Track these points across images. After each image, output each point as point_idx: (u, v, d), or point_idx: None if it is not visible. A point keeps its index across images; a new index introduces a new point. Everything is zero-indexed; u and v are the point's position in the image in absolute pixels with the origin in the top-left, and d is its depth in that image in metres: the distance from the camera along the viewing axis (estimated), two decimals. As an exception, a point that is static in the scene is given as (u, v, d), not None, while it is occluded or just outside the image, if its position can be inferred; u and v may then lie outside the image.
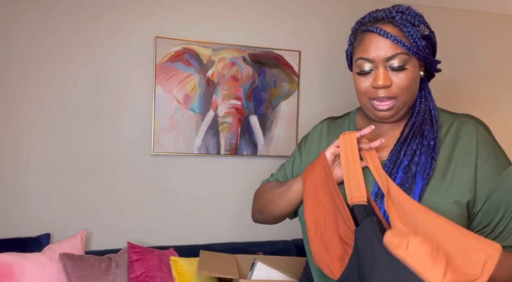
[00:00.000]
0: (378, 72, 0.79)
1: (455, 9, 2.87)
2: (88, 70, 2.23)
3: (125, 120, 2.29)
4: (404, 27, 0.78)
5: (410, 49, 0.78)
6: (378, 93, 0.80)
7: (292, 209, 0.94)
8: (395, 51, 0.78)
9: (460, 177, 0.78)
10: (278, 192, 0.96)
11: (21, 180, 2.15)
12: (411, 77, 0.79)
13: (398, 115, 0.84)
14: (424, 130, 0.82)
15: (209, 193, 2.44)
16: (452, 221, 0.75)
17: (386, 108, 0.81)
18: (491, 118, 2.92)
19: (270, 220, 1.03)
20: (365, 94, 0.83)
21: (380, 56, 0.78)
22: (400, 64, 0.78)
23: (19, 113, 2.14)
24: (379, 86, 0.79)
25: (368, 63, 0.80)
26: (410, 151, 0.80)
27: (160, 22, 2.34)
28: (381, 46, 0.78)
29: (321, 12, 2.61)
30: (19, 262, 1.84)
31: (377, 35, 0.79)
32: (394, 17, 0.79)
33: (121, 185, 2.29)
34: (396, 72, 0.79)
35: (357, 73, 0.83)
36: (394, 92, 0.79)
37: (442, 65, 2.83)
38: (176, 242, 2.34)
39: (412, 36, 0.78)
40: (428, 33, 0.81)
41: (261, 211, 1.03)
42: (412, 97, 0.83)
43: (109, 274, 1.95)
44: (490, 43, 2.94)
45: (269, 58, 2.49)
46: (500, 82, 2.96)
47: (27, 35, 2.15)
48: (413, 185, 0.77)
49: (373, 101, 0.82)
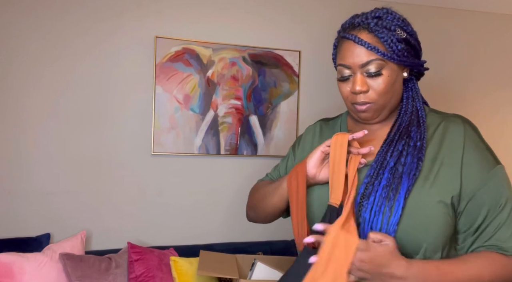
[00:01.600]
0: (355, 78, 0.82)
1: (455, 9, 2.86)
2: (88, 70, 2.23)
3: (125, 120, 2.29)
4: (379, 33, 0.80)
5: (384, 55, 0.80)
6: (357, 98, 0.84)
7: (284, 204, 0.96)
8: (370, 57, 0.80)
9: (445, 176, 0.79)
10: (270, 188, 0.99)
11: (21, 180, 2.15)
12: (388, 82, 0.81)
13: (380, 116, 0.87)
14: (411, 131, 0.83)
15: (209, 193, 2.44)
16: (438, 221, 0.77)
17: (365, 109, 0.84)
18: (491, 118, 2.92)
19: (262, 217, 1.04)
20: (348, 99, 0.87)
21: (356, 62, 0.81)
22: (376, 70, 0.80)
23: (19, 114, 2.14)
24: (356, 91, 0.82)
25: (346, 70, 0.84)
26: (397, 152, 0.82)
27: (160, 22, 2.34)
28: (356, 53, 0.81)
29: (321, 12, 2.61)
30: (19, 262, 1.84)
31: (352, 42, 0.82)
32: (369, 24, 0.81)
33: (121, 184, 2.29)
34: (373, 78, 0.81)
35: (338, 79, 0.87)
36: (371, 97, 0.82)
37: (442, 65, 2.84)
38: (176, 242, 2.34)
39: (386, 42, 0.80)
40: (405, 36, 0.82)
41: (254, 208, 1.05)
42: (392, 100, 0.85)
43: (109, 274, 1.95)
44: (490, 43, 2.94)
45: (269, 58, 2.49)
46: (500, 82, 2.96)
47: (27, 36, 2.15)
48: (399, 186, 0.78)
49: (354, 105, 0.86)
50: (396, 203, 0.76)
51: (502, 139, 2.93)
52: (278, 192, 0.94)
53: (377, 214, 0.77)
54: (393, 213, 0.76)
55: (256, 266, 1.77)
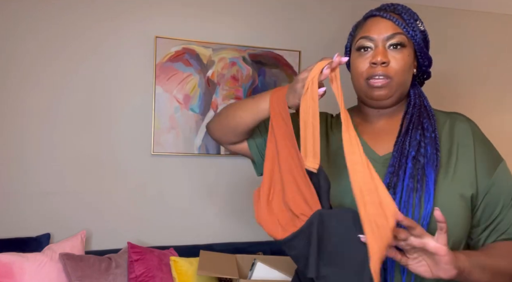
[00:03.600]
0: (377, 49, 0.83)
1: (455, 9, 2.86)
2: (88, 70, 2.23)
3: (125, 120, 2.29)
4: (405, 15, 0.84)
5: (409, 33, 0.83)
6: (375, 70, 0.82)
7: (252, 123, 0.91)
8: (396, 30, 0.82)
9: (462, 171, 0.80)
10: (245, 102, 0.92)
11: (21, 180, 2.15)
12: (407, 60, 0.83)
13: (392, 99, 0.85)
14: (424, 123, 0.84)
15: (209, 193, 2.44)
16: (461, 214, 0.77)
17: (381, 85, 0.82)
18: (492, 119, 2.92)
19: (226, 132, 0.97)
20: (362, 75, 0.85)
21: (382, 34, 0.83)
22: (399, 42, 0.82)
23: (19, 114, 2.14)
24: (378, 61, 0.81)
25: (368, 42, 0.84)
26: (415, 142, 0.82)
27: (160, 22, 2.34)
28: (383, 26, 0.83)
29: (321, 12, 2.61)
30: (19, 262, 1.84)
31: (379, 17, 0.84)
32: (397, 7, 0.86)
33: (121, 185, 2.29)
34: (395, 52, 0.82)
35: (357, 50, 0.86)
36: (390, 71, 0.82)
37: (442, 65, 2.84)
38: (176, 242, 2.34)
39: (411, 24, 0.84)
40: (423, 29, 0.86)
41: (221, 120, 0.97)
42: (404, 85, 0.85)
43: (109, 274, 1.95)
44: (490, 43, 2.94)
45: (269, 58, 2.49)
46: (500, 82, 2.96)
47: (27, 36, 2.15)
48: (423, 177, 0.77)
49: (369, 80, 0.84)
50: (426, 195, 0.76)
51: (501, 139, 2.93)
52: (254, 109, 0.88)
53: (406, 205, 0.76)
54: (424, 206, 0.75)
55: (256, 266, 1.77)
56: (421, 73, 0.92)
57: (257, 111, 0.88)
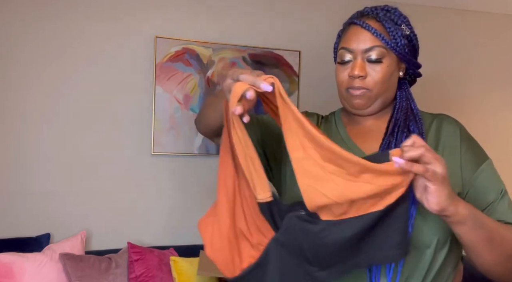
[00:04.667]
0: (356, 62, 0.82)
1: (455, 9, 2.86)
2: (88, 70, 2.23)
3: (125, 120, 2.29)
4: (386, 23, 0.82)
5: (388, 43, 0.81)
6: (354, 82, 0.83)
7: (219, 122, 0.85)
8: (374, 43, 0.81)
9: (448, 172, 0.80)
10: (209, 100, 0.90)
11: (21, 180, 2.14)
12: (386, 72, 0.82)
13: (372, 107, 0.86)
14: (410, 125, 0.84)
15: (209, 193, 2.44)
16: None
17: (359, 94, 0.83)
18: (491, 119, 2.92)
19: (203, 130, 0.96)
20: (343, 84, 0.86)
21: (359, 47, 0.82)
22: (377, 57, 0.81)
23: (20, 114, 2.14)
24: (355, 75, 0.82)
25: (348, 54, 0.84)
26: (400, 145, 0.81)
27: (160, 22, 2.34)
28: (362, 38, 0.82)
29: (321, 12, 2.61)
30: (19, 262, 1.84)
31: (359, 27, 0.83)
32: (378, 14, 0.84)
33: (121, 185, 2.29)
34: (373, 65, 0.82)
35: (338, 63, 0.87)
36: (367, 84, 0.82)
37: (441, 64, 2.84)
38: (176, 242, 2.34)
39: (392, 33, 0.82)
40: (409, 33, 0.85)
41: (199, 116, 0.96)
42: (387, 92, 0.85)
43: (109, 274, 1.95)
44: (490, 43, 2.94)
45: (269, 58, 2.49)
46: (500, 82, 2.96)
47: (27, 36, 2.15)
48: None
49: (349, 90, 0.85)
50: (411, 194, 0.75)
51: (501, 139, 2.93)
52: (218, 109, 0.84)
53: None
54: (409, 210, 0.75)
55: (256, 266, 1.77)
56: (409, 75, 0.91)
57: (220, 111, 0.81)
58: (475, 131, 0.95)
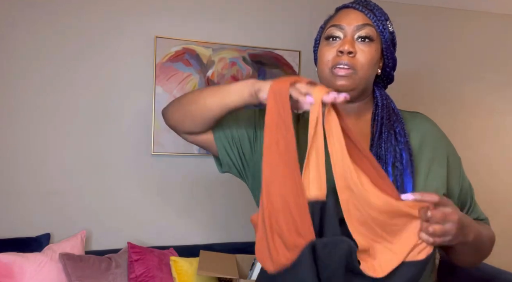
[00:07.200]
0: (346, 39, 0.82)
1: (454, 9, 2.86)
2: (88, 70, 2.23)
3: (125, 120, 2.29)
4: (377, 12, 0.84)
5: (379, 27, 0.82)
6: (341, 58, 0.81)
7: (219, 113, 0.85)
8: (366, 21, 0.82)
9: (435, 174, 0.82)
10: (215, 90, 0.87)
11: (21, 180, 2.15)
12: (373, 56, 0.82)
13: (354, 92, 0.82)
14: (395, 127, 0.83)
15: (209, 193, 2.44)
16: None
17: (344, 74, 0.80)
18: (491, 118, 2.92)
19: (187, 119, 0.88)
20: (328, 64, 0.83)
21: (351, 24, 0.82)
22: (368, 35, 0.81)
23: (19, 113, 2.14)
24: (345, 50, 0.80)
25: (338, 31, 0.83)
26: (391, 147, 0.81)
27: (160, 22, 2.34)
28: (354, 16, 0.83)
29: (321, 12, 2.60)
30: (19, 262, 1.84)
31: (351, 8, 0.85)
32: (369, 3, 0.86)
33: (121, 185, 2.29)
34: (363, 45, 0.81)
35: (326, 39, 0.85)
36: (355, 63, 0.80)
37: (441, 64, 2.84)
38: (176, 242, 2.34)
39: (382, 21, 0.83)
40: (392, 31, 0.86)
41: (183, 105, 0.88)
42: (369, 79, 0.84)
43: (109, 274, 1.95)
44: (489, 43, 2.94)
45: (269, 58, 2.49)
46: (500, 82, 2.96)
47: (27, 35, 2.15)
48: (402, 184, 0.77)
49: (334, 69, 0.82)
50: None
51: (500, 139, 2.93)
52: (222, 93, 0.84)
53: None
54: None
55: (256, 266, 1.77)
56: (384, 76, 0.90)
57: (225, 103, 0.83)
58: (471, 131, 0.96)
